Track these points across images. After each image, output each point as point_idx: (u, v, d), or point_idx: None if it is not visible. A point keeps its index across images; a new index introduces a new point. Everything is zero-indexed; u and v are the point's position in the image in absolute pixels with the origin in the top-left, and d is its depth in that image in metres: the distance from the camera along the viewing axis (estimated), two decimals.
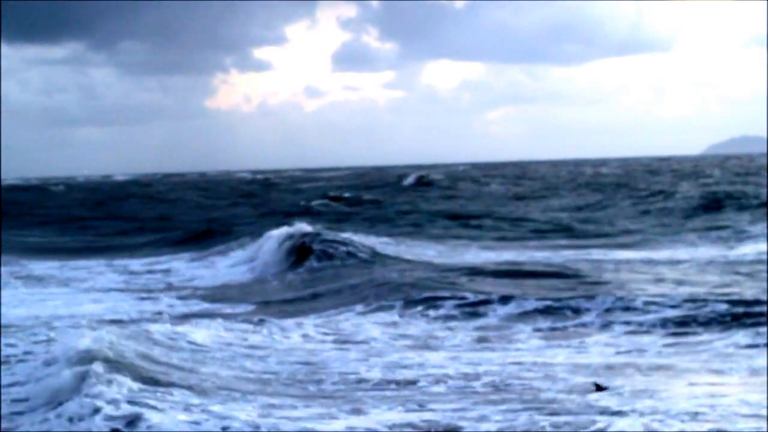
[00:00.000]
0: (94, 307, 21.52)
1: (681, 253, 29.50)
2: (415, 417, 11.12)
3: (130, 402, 10.95)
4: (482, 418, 10.97)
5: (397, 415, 11.20)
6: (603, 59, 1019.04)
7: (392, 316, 19.10)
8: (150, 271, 29.15)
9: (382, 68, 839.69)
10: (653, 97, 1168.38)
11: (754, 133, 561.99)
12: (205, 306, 21.75)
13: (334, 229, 33.74)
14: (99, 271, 29.38)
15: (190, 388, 12.17)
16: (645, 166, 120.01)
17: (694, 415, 10.67)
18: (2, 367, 14.34)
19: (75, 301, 22.41)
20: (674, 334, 16.65)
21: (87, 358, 12.77)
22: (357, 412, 11.36)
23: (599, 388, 12.27)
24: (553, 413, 11.03)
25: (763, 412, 10.84)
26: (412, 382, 13.19)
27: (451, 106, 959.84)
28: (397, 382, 13.23)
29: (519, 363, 14.41)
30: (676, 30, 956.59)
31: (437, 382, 13.21)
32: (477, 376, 13.45)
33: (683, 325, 17.15)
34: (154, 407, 10.88)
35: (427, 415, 11.19)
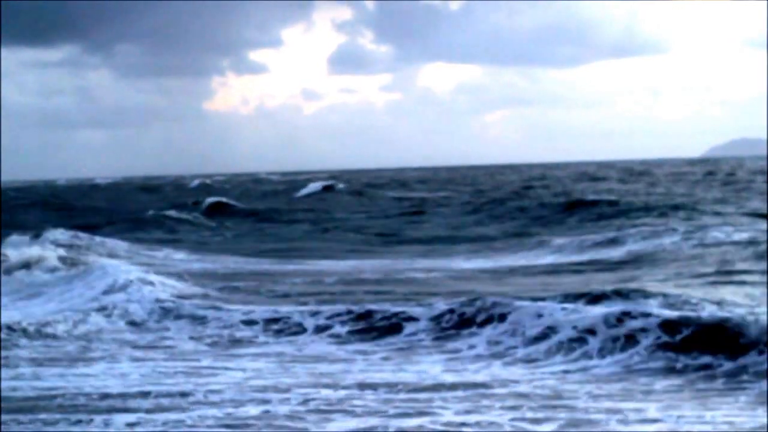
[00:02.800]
0: None
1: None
2: None
3: None
4: None
5: None
6: (598, 61, 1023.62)
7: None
8: None
9: (377, 71, 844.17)
10: (651, 100, 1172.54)
11: (754, 136, 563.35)
12: None
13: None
14: None
15: None
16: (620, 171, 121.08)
17: None
18: None
19: None
20: None
21: None
22: None
23: None
24: None
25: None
26: None
27: (449, 108, 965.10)
28: None
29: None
30: (670, 32, 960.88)
31: None
32: None
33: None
34: None
35: None
